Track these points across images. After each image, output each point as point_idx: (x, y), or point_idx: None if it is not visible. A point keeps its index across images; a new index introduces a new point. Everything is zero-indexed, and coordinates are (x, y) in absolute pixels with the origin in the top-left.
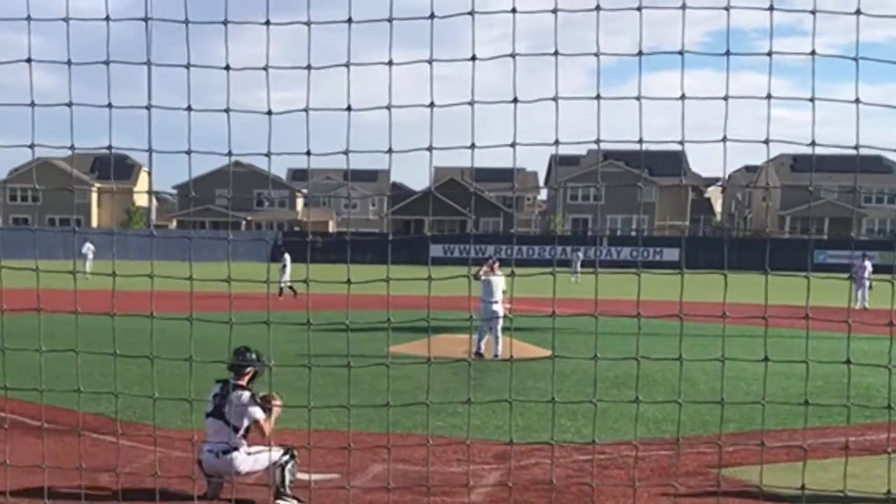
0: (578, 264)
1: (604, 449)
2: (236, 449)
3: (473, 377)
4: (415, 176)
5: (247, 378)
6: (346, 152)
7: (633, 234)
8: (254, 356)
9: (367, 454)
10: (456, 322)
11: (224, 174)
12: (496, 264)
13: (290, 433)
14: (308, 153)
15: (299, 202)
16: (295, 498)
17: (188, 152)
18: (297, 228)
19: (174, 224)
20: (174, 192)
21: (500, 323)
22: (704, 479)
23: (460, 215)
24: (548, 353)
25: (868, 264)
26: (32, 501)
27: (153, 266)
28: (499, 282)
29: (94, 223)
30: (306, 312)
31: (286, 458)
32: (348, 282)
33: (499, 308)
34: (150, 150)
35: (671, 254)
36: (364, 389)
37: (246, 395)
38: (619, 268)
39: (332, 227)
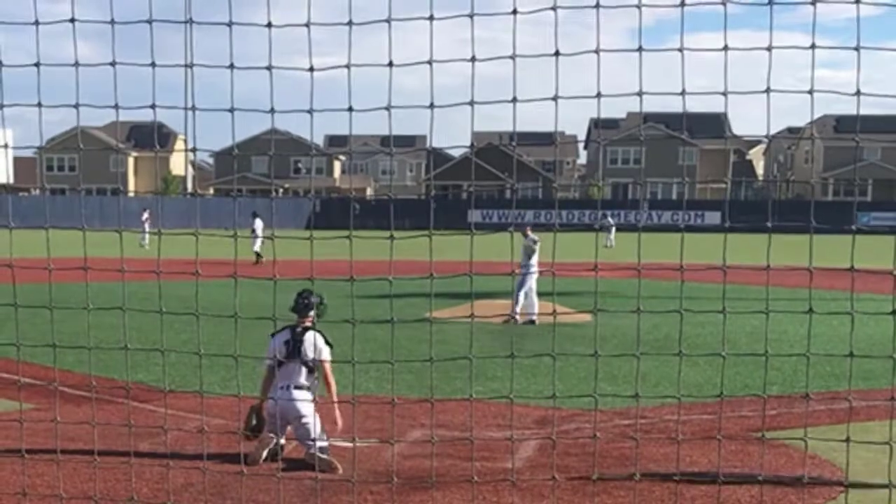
0: (613, 228)
1: (645, 413)
2: (308, 389)
3: (513, 341)
4: (454, 141)
5: (310, 320)
6: (388, 108)
7: (675, 197)
8: (317, 299)
9: (407, 420)
10: (495, 287)
11: (261, 142)
12: (529, 228)
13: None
14: (350, 109)
15: (337, 169)
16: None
17: (231, 110)
18: (335, 195)
19: (211, 192)
20: (211, 159)
21: (535, 287)
22: (747, 442)
23: (499, 180)
24: (588, 317)
25: None
26: (83, 458)
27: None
28: (532, 245)
29: (132, 192)
30: (350, 280)
31: (325, 443)
32: (391, 237)
33: (533, 272)
34: (191, 108)
35: (713, 217)
36: (403, 355)
37: (318, 335)
38: (660, 231)
39: (370, 193)
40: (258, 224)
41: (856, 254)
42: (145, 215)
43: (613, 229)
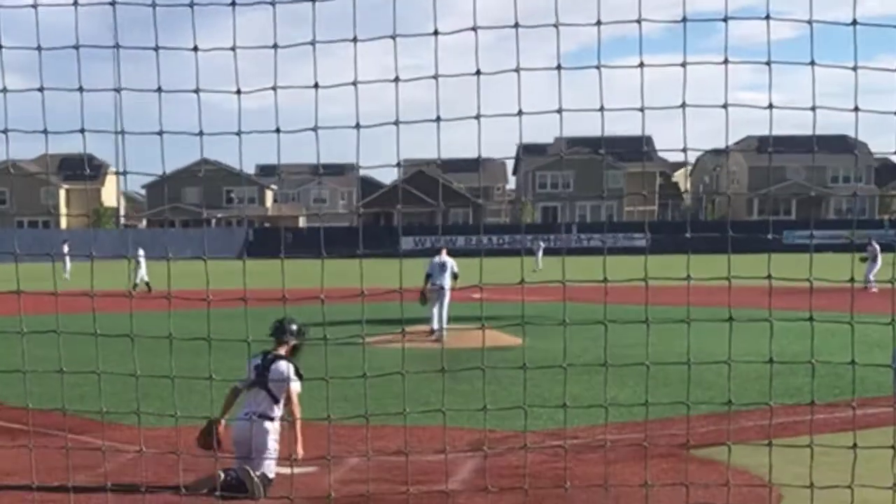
0: (540, 252)
1: (577, 434)
2: (272, 420)
3: (447, 367)
4: (383, 169)
5: (286, 349)
6: (315, 129)
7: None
8: (295, 328)
9: (343, 446)
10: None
11: (192, 173)
12: (444, 249)
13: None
14: (277, 130)
15: (269, 198)
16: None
17: (160, 133)
18: (267, 225)
19: (144, 223)
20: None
21: (447, 300)
22: (677, 459)
23: (430, 206)
24: (518, 341)
25: (875, 245)
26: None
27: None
28: (446, 265)
29: (63, 224)
30: (283, 307)
31: (271, 479)
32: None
33: (445, 287)
34: (121, 133)
35: (642, 240)
36: (336, 383)
37: (289, 366)
38: (589, 254)
39: (302, 223)
40: (141, 253)
41: (780, 272)
42: (66, 248)
43: (541, 252)
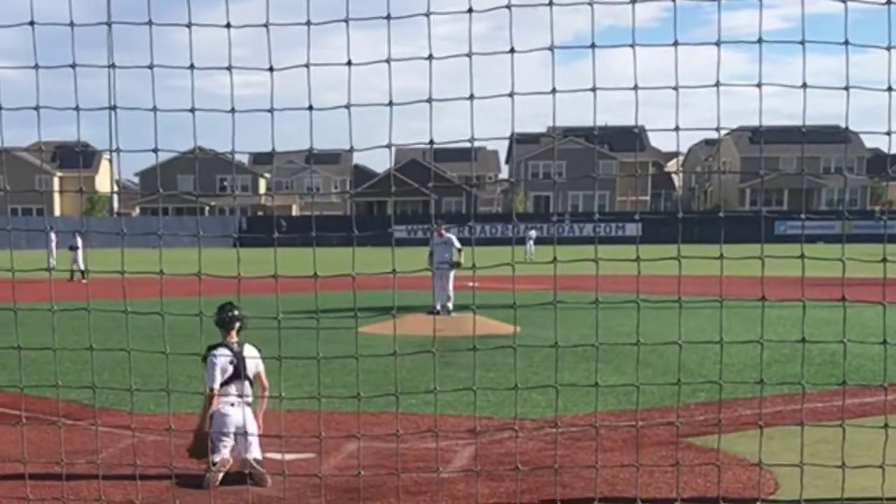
0: (532, 241)
1: (575, 421)
2: (251, 403)
3: (443, 354)
4: (377, 157)
5: (235, 332)
6: (309, 108)
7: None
8: (237, 312)
9: (342, 433)
10: (424, 300)
11: (185, 160)
12: (442, 227)
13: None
14: (272, 109)
15: (262, 186)
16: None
17: (153, 110)
18: (260, 213)
19: (137, 211)
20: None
21: (451, 278)
22: (674, 447)
23: (423, 195)
24: (515, 328)
25: None
26: (14, 484)
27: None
28: (447, 243)
29: (58, 212)
30: (275, 296)
31: (259, 456)
32: (315, 274)
33: (449, 262)
34: (113, 108)
35: (633, 228)
36: (335, 369)
37: (252, 348)
38: (582, 244)
39: (295, 211)
40: (79, 241)
41: (774, 262)
42: (52, 235)
43: (532, 241)
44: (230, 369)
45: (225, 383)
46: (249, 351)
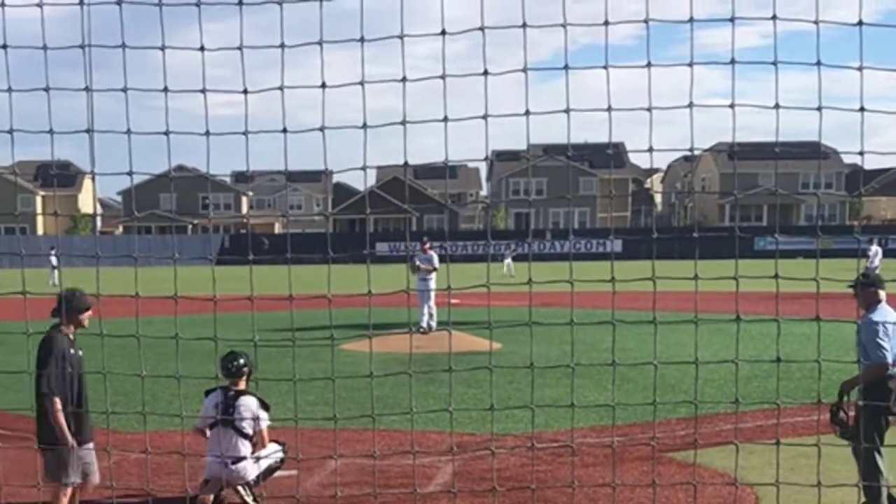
0: (509, 260)
1: (557, 437)
2: (244, 460)
3: (425, 371)
4: (358, 174)
5: (244, 381)
6: (283, 130)
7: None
8: (242, 360)
9: (326, 450)
10: (406, 318)
11: (167, 179)
12: (427, 245)
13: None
14: (246, 132)
15: (244, 204)
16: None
17: (127, 133)
18: (243, 231)
19: (120, 230)
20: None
21: (433, 296)
22: (656, 462)
23: (404, 213)
24: (497, 345)
25: (876, 248)
26: None
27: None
28: (430, 259)
29: (40, 231)
30: (251, 314)
31: (281, 454)
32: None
33: (431, 283)
34: (91, 131)
35: (615, 244)
36: (317, 386)
37: (254, 401)
38: (563, 261)
39: (278, 229)
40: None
41: (752, 278)
42: (53, 256)
43: (510, 259)
44: (214, 413)
45: (212, 426)
46: (247, 403)
